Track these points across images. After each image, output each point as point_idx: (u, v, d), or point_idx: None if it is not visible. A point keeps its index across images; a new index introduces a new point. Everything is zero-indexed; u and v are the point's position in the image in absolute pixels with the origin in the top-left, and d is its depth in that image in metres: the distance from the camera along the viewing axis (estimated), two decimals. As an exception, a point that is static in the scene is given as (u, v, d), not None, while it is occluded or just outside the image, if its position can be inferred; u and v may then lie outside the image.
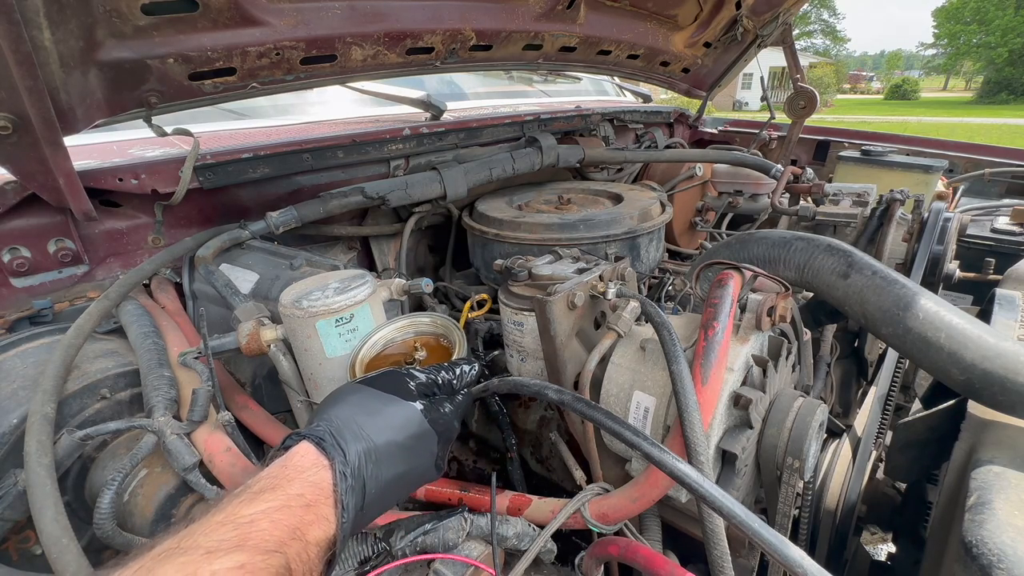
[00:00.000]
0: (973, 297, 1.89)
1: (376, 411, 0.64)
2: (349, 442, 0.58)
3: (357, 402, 0.64)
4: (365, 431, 0.60)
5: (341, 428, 0.59)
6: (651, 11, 1.97)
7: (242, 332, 1.03)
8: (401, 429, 0.64)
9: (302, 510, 0.51)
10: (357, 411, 0.63)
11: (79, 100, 1.02)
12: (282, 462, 0.56)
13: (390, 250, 1.76)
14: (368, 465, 0.58)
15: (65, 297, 1.21)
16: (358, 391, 0.67)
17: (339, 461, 0.56)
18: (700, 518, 0.77)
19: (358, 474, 0.57)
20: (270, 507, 0.49)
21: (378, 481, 0.59)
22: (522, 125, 1.98)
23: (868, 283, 0.95)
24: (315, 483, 0.54)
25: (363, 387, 0.68)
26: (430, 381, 0.72)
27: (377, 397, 0.66)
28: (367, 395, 0.66)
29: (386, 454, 0.61)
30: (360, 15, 1.33)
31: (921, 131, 13.98)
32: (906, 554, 1.22)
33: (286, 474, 0.54)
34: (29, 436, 0.82)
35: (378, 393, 0.66)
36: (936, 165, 2.21)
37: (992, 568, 0.61)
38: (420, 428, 0.66)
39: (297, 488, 0.52)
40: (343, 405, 0.64)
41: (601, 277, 1.04)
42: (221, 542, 0.45)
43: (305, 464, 0.55)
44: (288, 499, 0.51)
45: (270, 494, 0.51)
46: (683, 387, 0.77)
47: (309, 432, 0.59)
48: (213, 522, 0.47)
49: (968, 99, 42.16)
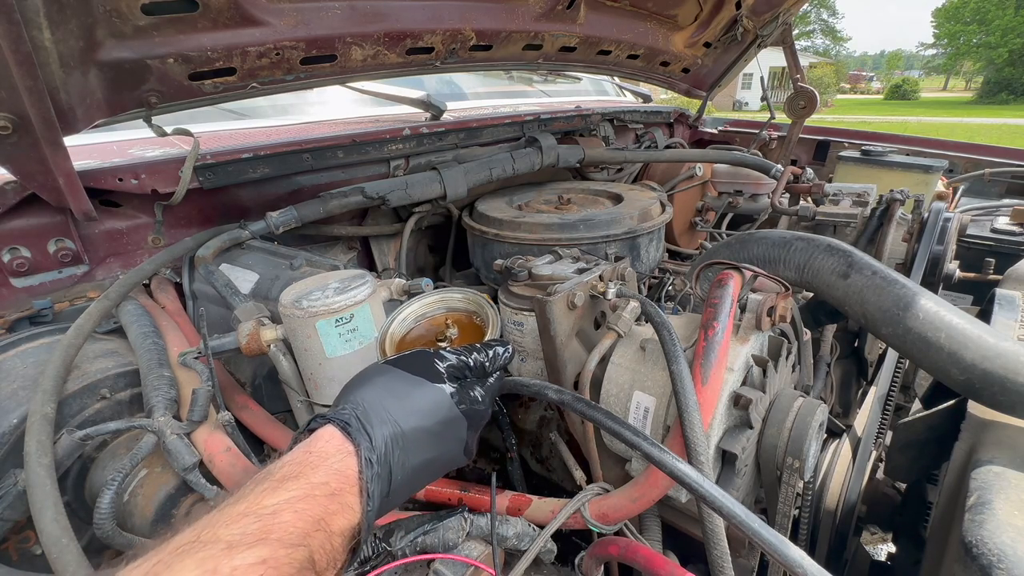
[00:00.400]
0: (973, 297, 1.89)
1: (404, 394, 0.61)
2: (376, 427, 0.56)
3: (384, 384, 0.62)
4: (392, 415, 0.58)
5: (368, 412, 0.57)
6: (651, 11, 1.97)
7: (242, 332, 1.03)
8: (430, 414, 0.61)
9: (326, 499, 0.49)
10: (384, 394, 0.60)
11: (79, 100, 1.02)
12: (306, 447, 0.54)
13: (390, 250, 1.76)
14: (395, 451, 0.56)
15: (65, 297, 1.21)
16: (386, 372, 0.64)
17: (365, 447, 0.54)
18: (700, 518, 0.77)
19: (384, 461, 0.55)
20: (293, 496, 0.48)
21: (404, 468, 0.57)
22: (522, 125, 1.98)
23: (868, 283, 0.95)
24: (340, 470, 0.52)
25: (391, 368, 0.65)
26: (461, 363, 0.69)
27: (405, 379, 0.63)
28: (395, 377, 0.63)
29: (413, 440, 0.59)
30: (360, 15, 1.33)
31: (921, 131, 13.98)
32: (906, 554, 1.22)
33: (310, 460, 0.52)
34: (29, 436, 0.82)
35: (406, 375, 0.64)
36: (936, 165, 2.21)
37: (992, 568, 0.61)
38: (450, 413, 0.63)
39: (322, 476, 0.51)
40: (370, 387, 0.61)
41: (601, 277, 1.04)
42: (243, 535, 0.43)
43: (330, 450, 0.53)
44: (312, 488, 0.49)
45: (293, 482, 0.49)
46: (683, 387, 0.77)
47: (335, 415, 0.57)
48: (235, 513, 0.45)
49: (968, 99, 42.17)
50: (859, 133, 2.84)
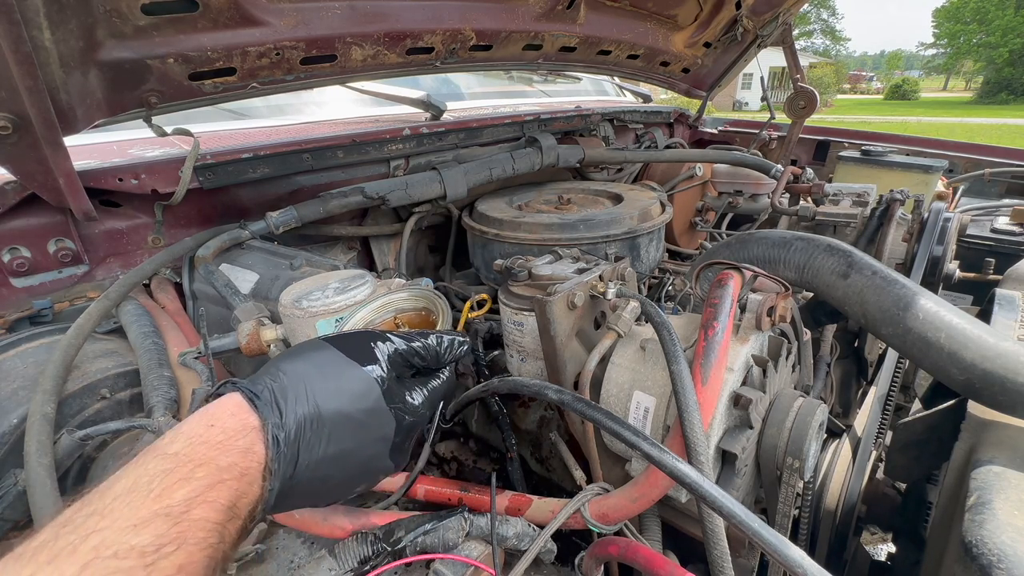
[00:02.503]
0: (973, 297, 1.88)
1: (333, 375, 0.57)
2: (290, 403, 0.52)
3: (314, 360, 0.58)
4: (313, 394, 0.54)
5: (285, 386, 0.53)
6: (651, 11, 1.97)
7: (242, 332, 1.03)
8: (356, 399, 0.57)
9: (236, 482, 0.46)
10: (311, 370, 0.56)
11: (79, 100, 1.02)
12: (208, 418, 0.50)
13: (390, 250, 1.76)
14: (307, 432, 0.52)
15: (65, 297, 1.21)
16: (320, 348, 0.60)
17: (273, 423, 0.50)
18: (700, 518, 0.77)
19: (292, 441, 0.51)
20: (204, 484, 0.44)
21: (313, 453, 0.53)
22: (522, 125, 1.98)
23: (868, 283, 0.95)
24: (247, 448, 0.48)
25: (327, 345, 0.60)
26: (409, 350, 0.64)
27: (338, 359, 0.59)
28: (328, 355, 0.59)
29: (330, 424, 0.54)
30: (360, 15, 1.33)
31: (921, 131, 13.99)
32: (906, 554, 1.22)
33: (214, 437, 0.48)
34: (29, 436, 0.82)
35: (340, 355, 0.59)
36: (936, 165, 2.21)
37: (992, 568, 0.61)
38: (376, 405, 0.58)
39: (229, 457, 0.47)
40: (298, 361, 0.57)
41: (601, 277, 1.04)
42: (159, 542, 0.39)
43: (234, 425, 0.49)
44: (221, 472, 0.46)
45: (202, 469, 0.45)
46: (683, 387, 0.77)
47: (246, 384, 0.53)
48: (144, 509, 0.41)
49: (968, 99, 42.17)
50: (859, 133, 2.84)
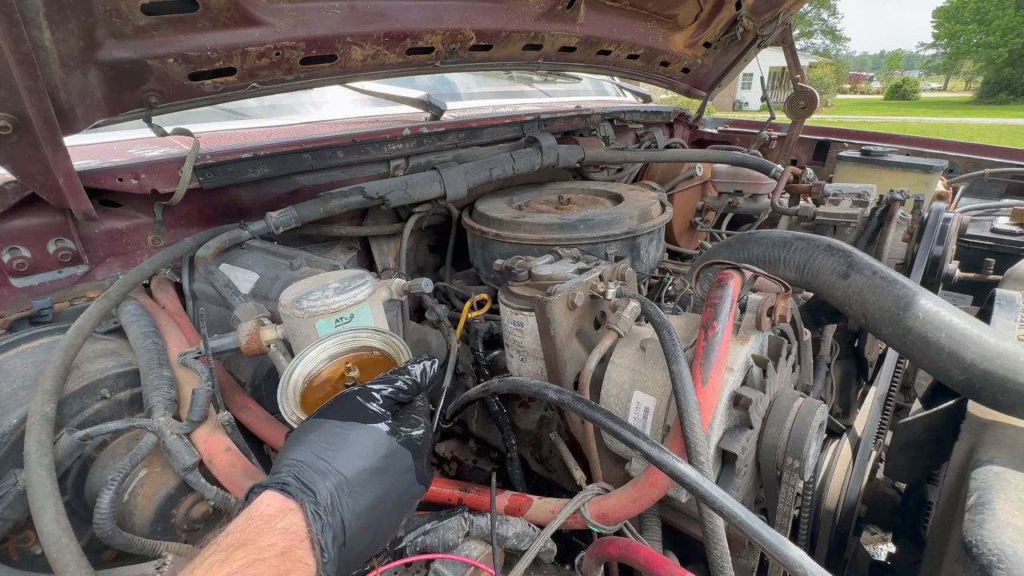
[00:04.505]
0: (973, 297, 1.88)
1: (340, 443, 0.60)
2: (317, 481, 0.56)
3: (318, 439, 0.61)
4: (333, 465, 0.58)
5: (304, 469, 0.57)
6: (651, 11, 1.97)
7: (242, 332, 1.03)
8: (371, 454, 0.61)
9: (277, 560, 0.49)
10: (321, 447, 0.60)
11: (79, 100, 1.02)
12: (247, 514, 0.53)
13: (390, 250, 1.76)
14: (343, 499, 0.56)
15: (65, 297, 1.21)
16: (317, 427, 0.63)
17: (309, 502, 0.54)
18: (700, 518, 0.77)
19: (333, 510, 0.55)
20: (244, 563, 0.48)
21: (356, 512, 0.57)
22: (522, 125, 1.98)
23: (868, 283, 0.95)
24: (286, 529, 0.52)
25: (322, 421, 0.64)
26: (392, 394, 0.68)
27: (338, 428, 0.62)
28: (327, 429, 0.62)
29: (359, 483, 0.58)
30: (360, 15, 1.33)
31: (921, 131, 13.98)
32: (906, 554, 1.22)
33: (254, 526, 0.51)
34: (29, 436, 0.82)
35: (337, 424, 0.63)
36: (936, 165, 2.21)
37: (992, 568, 0.61)
38: (389, 448, 0.63)
39: (268, 538, 0.50)
40: (304, 445, 0.60)
41: (601, 277, 1.04)
42: None
43: (271, 512, 0.53)
44: (260, 551, 0.49)
45: (241, 550, 0.49)
46: (683, 387, 0.77)
47: (271, 481, 0.56)
48: None
49: (968, 99, 42.17)
50: (859, 133, 2.84)
